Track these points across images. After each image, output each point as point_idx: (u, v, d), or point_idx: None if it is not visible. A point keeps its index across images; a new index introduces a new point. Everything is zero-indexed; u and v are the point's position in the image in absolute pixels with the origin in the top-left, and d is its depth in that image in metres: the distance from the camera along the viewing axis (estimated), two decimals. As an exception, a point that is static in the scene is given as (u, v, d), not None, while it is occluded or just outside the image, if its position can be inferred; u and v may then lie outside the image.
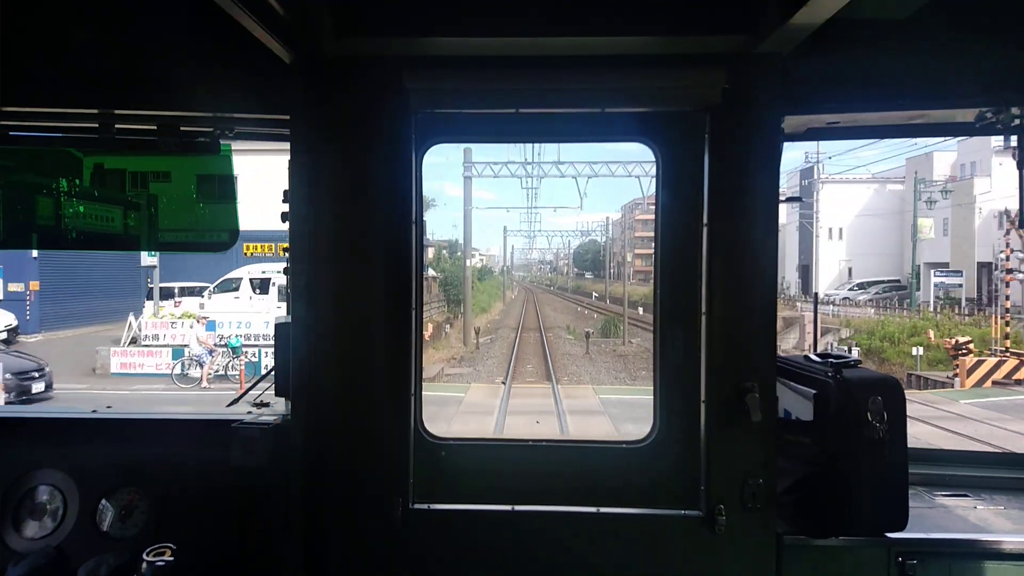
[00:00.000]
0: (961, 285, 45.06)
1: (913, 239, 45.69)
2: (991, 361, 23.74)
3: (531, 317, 48.03)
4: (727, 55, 2.57)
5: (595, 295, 66.74)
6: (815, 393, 2.58)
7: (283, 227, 2.66)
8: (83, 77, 2.75)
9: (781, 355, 2.77)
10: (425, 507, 2.69)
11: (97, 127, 2.87)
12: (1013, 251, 29.03)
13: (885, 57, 2.67)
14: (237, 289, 27.31)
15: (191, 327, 22.89)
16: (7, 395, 15.83)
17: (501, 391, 19.18)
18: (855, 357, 2.69)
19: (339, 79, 2.66)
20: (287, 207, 2.67)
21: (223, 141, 2.95)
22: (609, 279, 66.58)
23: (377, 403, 2.69)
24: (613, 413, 16.03)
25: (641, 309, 40.47)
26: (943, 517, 2.87)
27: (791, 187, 51.32)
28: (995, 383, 22.79)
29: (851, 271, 57.97)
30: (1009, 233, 29.54)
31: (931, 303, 42.45)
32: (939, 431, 15.38)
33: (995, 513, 2.92)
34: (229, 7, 2.10)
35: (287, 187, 2.67)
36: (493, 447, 2.85)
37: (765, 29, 2.41)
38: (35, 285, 30.16)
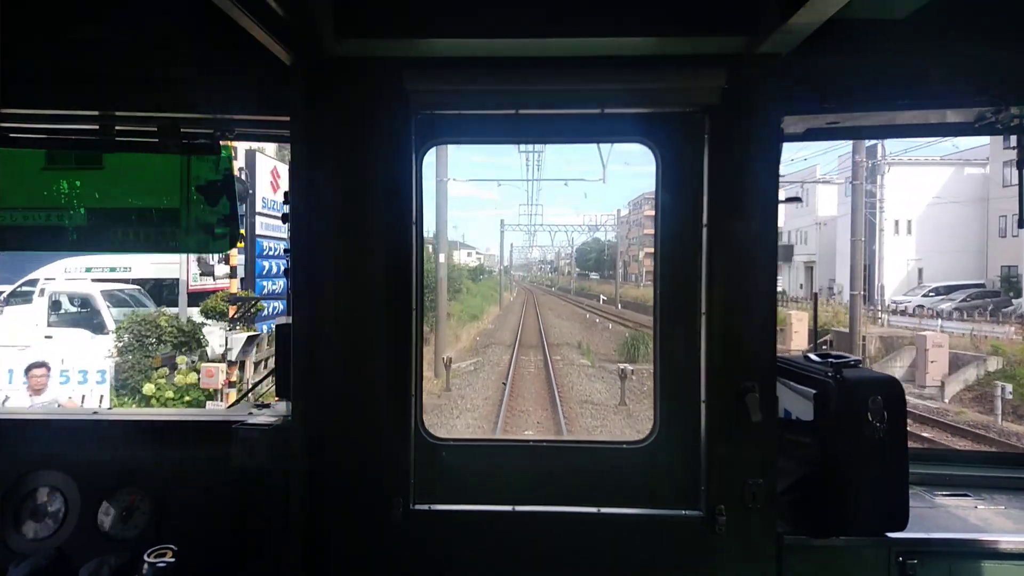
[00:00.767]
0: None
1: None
2: None
3: (531, 327, 39.31)
4: (726, 56, 2.57)
5: (602, 298, 62.08)
6: (815, 393, 2.58)
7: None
8: (83, 78, 2.76)
9: (781, 355, 2.78)
10: (426, 508, 2.69)
11: (98, 128, 2.87)
12: None
13: (884, 57, 2.68)
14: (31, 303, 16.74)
15: None
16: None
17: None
18: (855, 357, 2.69)
19: (339, 80, 2.66)
20: (288, 208, 2.68)
21: (223, 142, 2.96)
22: (619, 280, 62.05)
23: (378, 404, 2.70)
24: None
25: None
26: (943, 517, 2.87)
27: (843, 169, 38.94)
28: None
29: (921, 272, 47.28)
30: None
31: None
32: None
33: (995, 513, 2.92)
34: (229, 9, 2.10)
35: (287, 188, 2.68)
36: (494, 448, 2.85)
37: (765, 30, 2.41)
38: None
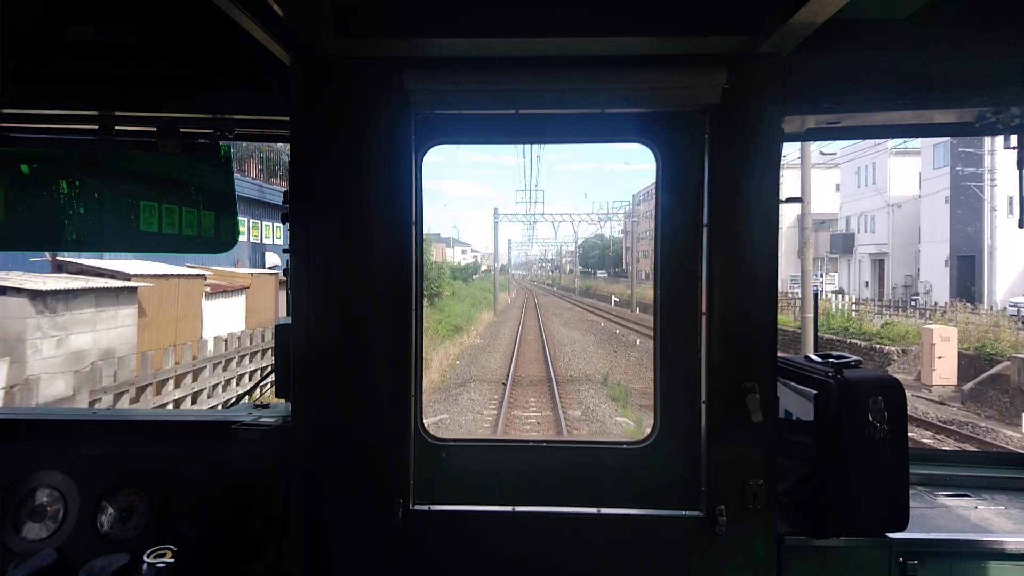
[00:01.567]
0: None
1: None
2: None
3: (532, 346, 29.87)
4: (727, 55, 2.57)
5: (615, 300, 54.19)
6: (816, 393, 2.57)
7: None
8: (83, 78, 2.76)
9: (781, 355, 2.77)
10: (426, 508, 2.69)
11: (97, 128, 2.87)
12: None
13: (885, 57, 2.67)
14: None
15: None
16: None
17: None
18: (856, 357, 2.69)
19: (339, 80, 2.66)
20: (287, 208, 2.68)
21: (222, 142, 2.95)
22: (634, 279, 53.58)
23: (377, 404, 2.69)
24: None
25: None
26: (944, 517, 2.87)
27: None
28: None
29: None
30: None
31: None
32: None
33: (996, 513, 2.91)
34: (229, 8, 2.10)
35: (287, 188, 2.67)
36: (494, 448, 2.84)
37: (765, 29, 2.40)
38: None
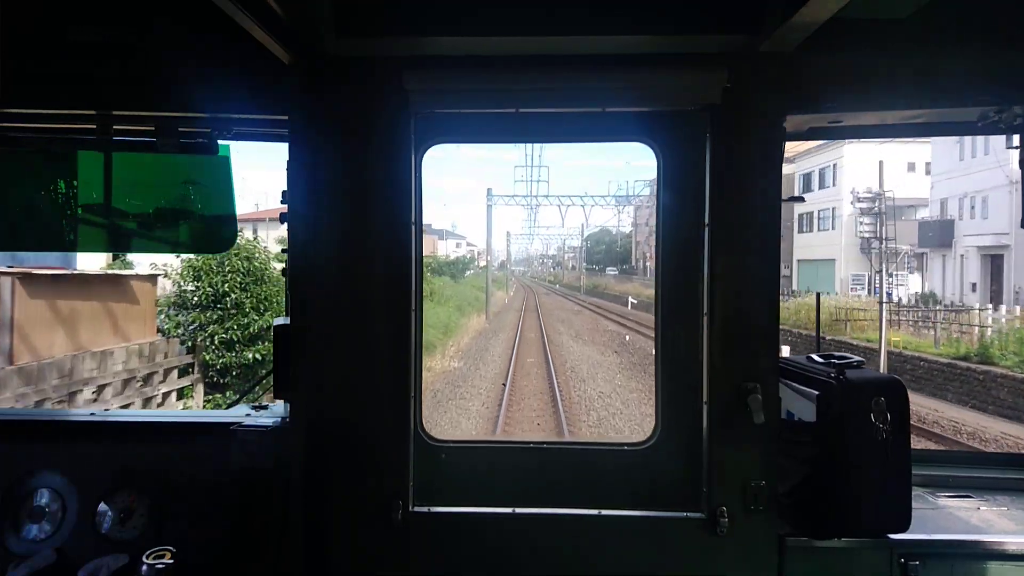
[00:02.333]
0: None
1: None
2: None
3: (534, 373, 22.41)
4: (728, 54, 2.56)
5: (631, 301, 46.65)
6: (818, 394, 2.57)
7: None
8: (82, 78, 2.75)
9: (783, 356, 2.77)
10: (425, 510, 2.68)
11: (95, 128, 2.86)
12: None
13: (887, 56, 2.66)
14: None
15: None
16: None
17: None
18: (858, 358, 2.68)
19: (338, 79, 2.65)
20: (286, 208, 2.67)
21: (221, 141, 2.94)
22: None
23: (377, 405, 2.68)
24: None
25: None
26: (946, 518, 2.86)
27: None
28: None
29: None
30: None
31: None
32: None
33: (998, 514, 2.90)
34: (228, 8, 2.09)
35: (285, 188, 2.66)
36: (494, 449, 2.83)
37: (767, 28, 2.39)
38: None
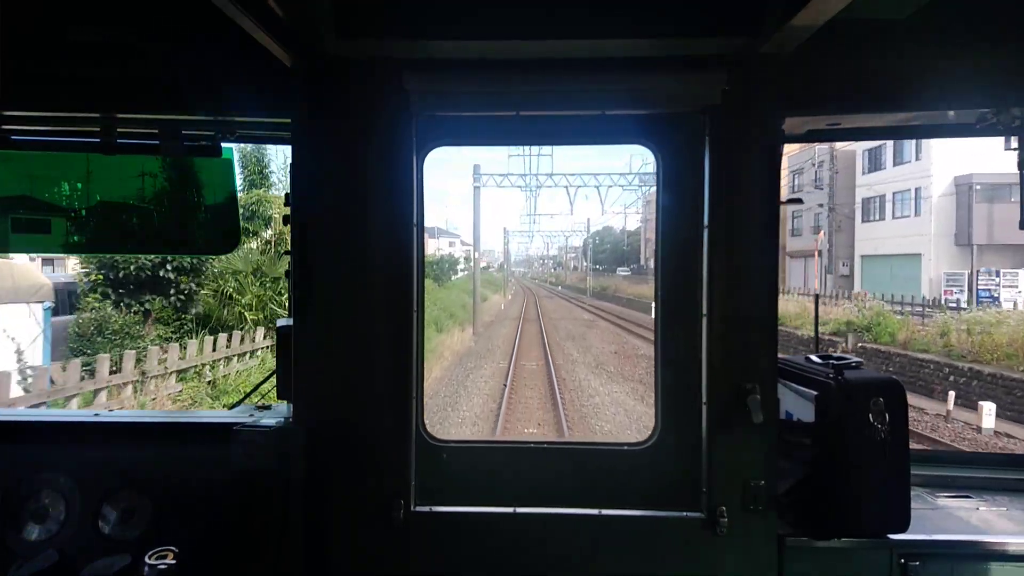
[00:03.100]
0: None
1: None
2: None
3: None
4: (727, 56, 2.57)
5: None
6: (816, 394, 2.58)
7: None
8: (84, 80, 2.76)
9: (782, 356, 2.77)
10: (427, 510, 2.69)
11: (99, 131, 2.88)
12: None
13: (885, 58, 2.67)
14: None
15: None
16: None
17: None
18: (856, 359, 2.69)
19: (340, 81, 2.66)
20: (289, 210, 2.68)
21: (224, 144, 2.96)
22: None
23: (378, 406, 2.70)
24: None
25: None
26: (945, 518, 2.87)
27: None
28: None
29: None
30: None
31: None
32: None
33: (997, 515, 2.91)
34: (230, 10, 2.10)
35: (288, 190, 2.68)
36: (495, 449, 2.85)
37: (765, 30, 2.41)
38: None
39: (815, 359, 2.76)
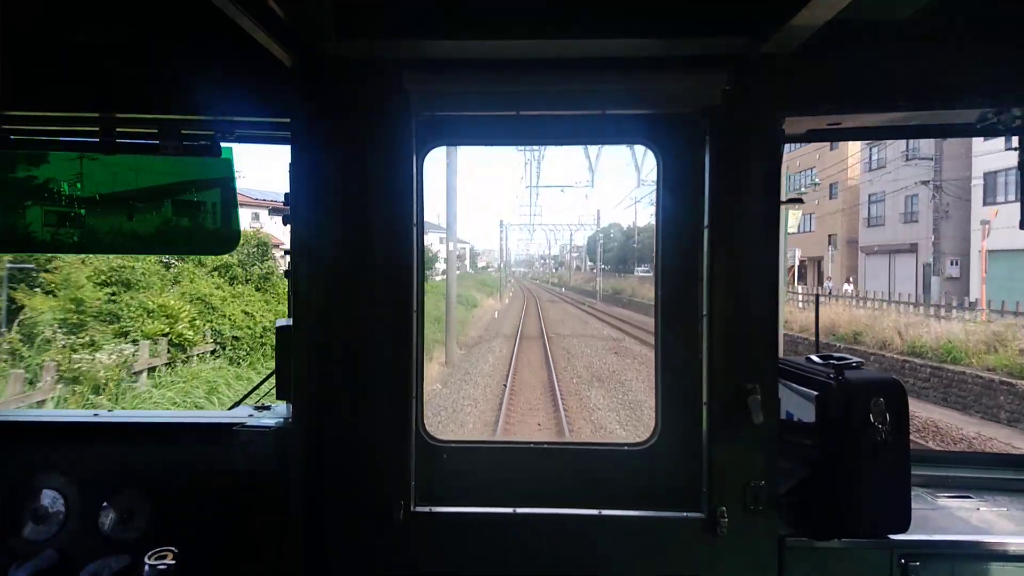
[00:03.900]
0: None
1: None
2: None
3: None
4: (728, 56, 2.57)
5: None
6: (817, 395, 2.57)
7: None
8: (84, 80, 2.76)
9: (783, 357, 2.77)
10: (427, 510, 2.69)
11: (98, 131, 2.87)
12: None
13: (886, 58, 2.67)
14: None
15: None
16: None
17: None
18: (856, 359, 2.69)
19: (339, 82, 2.66)
20: (288, 210, 2.68)
21: (224, 144, 2.96)
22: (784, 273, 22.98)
23: (378, 406, 2.69)
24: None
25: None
26: (946, 519, 2.86)
27: None
28: None
29: None
30: None
31: None
32: None
33: (998, 515, 2.91)
34: (230, 10, 2.10)
35: (288, 190, 2.68)
36: (495, 450, 2.84)
37: (766, 31, 2.41)
38: None
39: (816, 359, 2.75)
